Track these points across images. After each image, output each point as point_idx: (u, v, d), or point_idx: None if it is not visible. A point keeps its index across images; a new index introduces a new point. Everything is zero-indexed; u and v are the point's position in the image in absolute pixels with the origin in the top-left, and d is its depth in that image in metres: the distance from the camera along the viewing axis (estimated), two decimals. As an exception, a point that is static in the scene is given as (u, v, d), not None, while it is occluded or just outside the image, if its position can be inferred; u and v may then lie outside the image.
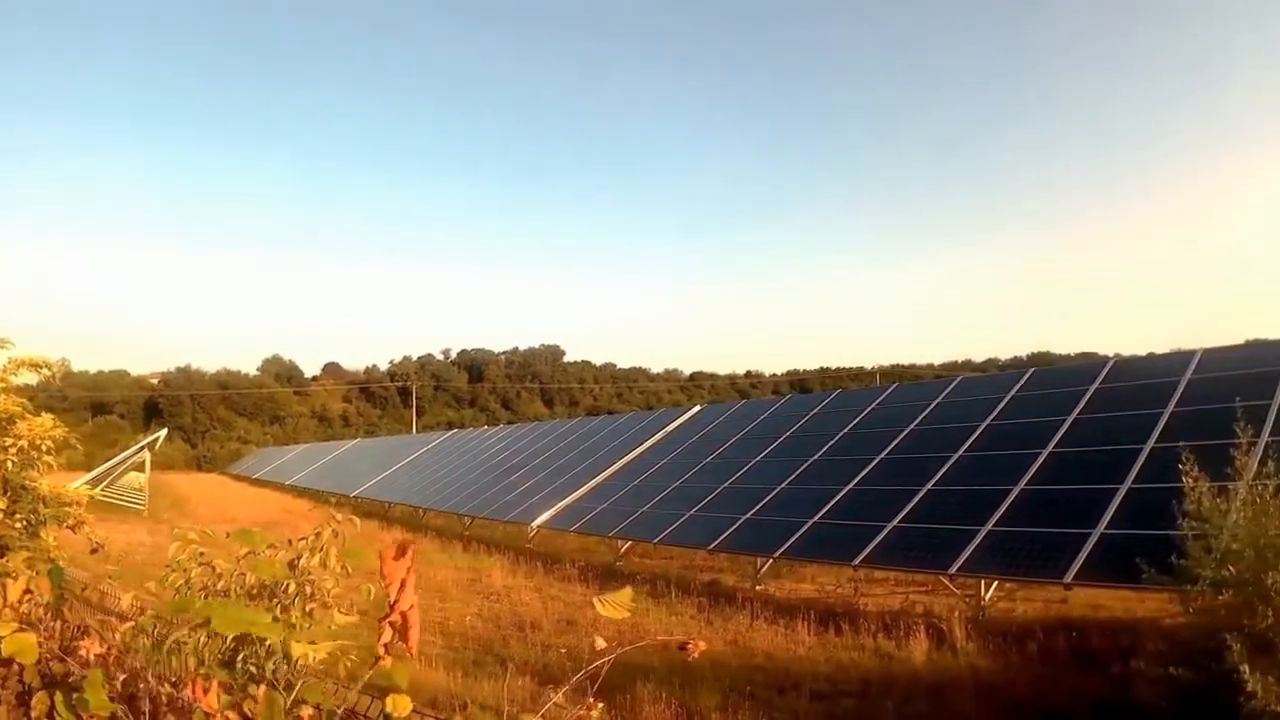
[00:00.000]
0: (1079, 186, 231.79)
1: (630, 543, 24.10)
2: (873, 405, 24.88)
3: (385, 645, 3.16)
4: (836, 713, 11.12)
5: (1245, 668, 7.18)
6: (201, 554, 4.28)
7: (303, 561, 4.14)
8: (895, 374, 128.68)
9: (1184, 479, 9.39)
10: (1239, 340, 18.94)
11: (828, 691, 11.89)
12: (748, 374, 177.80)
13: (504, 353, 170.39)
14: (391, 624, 3.10)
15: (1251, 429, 12.90)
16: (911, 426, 21.70)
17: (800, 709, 11.18)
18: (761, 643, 14.53)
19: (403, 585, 3.07)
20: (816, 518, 18.83)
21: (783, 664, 13.34)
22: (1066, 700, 10.82)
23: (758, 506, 20.84)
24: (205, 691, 2.93)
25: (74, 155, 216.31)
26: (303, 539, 4.27)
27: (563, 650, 13.84)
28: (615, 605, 3.21)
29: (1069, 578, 13.29)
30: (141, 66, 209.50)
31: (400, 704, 2.98)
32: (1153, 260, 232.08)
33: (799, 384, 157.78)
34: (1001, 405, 20.51)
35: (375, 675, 3.30)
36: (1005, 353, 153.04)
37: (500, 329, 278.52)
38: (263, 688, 3.12)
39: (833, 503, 19.27)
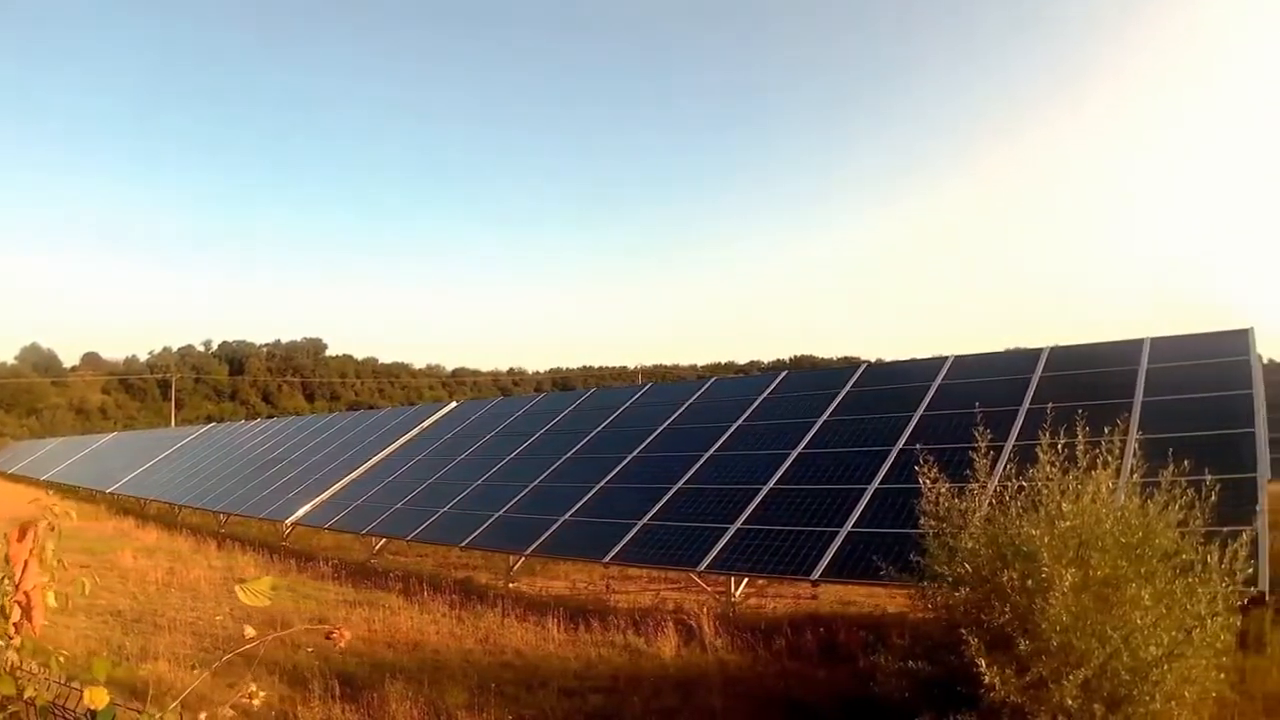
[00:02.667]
0: (848, 191, 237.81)
1: (385, 540, 23.78)
2: (628, 404, 25.12)
3: (15, 625, 3.12)
4: (585, 709, 11.16)
5: (982, 661, 7.49)
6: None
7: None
8: (657, 374, 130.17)
9: (922, 480, 9.71)
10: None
11: (576, 688, 11.95)
12: (510, 371, 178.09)
13: (266, 345, 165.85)
14: (19, 603, 3.06)
15: (995, 433, 13.48)
16: (666, 425, 21.98)
17: (549, 705, 11.19)
18: (513, 640, 14.53)
19: (25, 566, 3.04)
20: (568, 515, 18.94)
21: (533, 661, 13.36)
22: (813, 693, 11.14)
23: (511, 503, 20.83)
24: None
25: None
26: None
27: (310, 650, 13.65)
28: (255, 594, 3.30)
29: (816, 575, 13.70)
30: None
31: (97, 697, 2.94)
32: (928, 265, 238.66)
33: (561, 382, 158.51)
34: (754, 406, 20.95)
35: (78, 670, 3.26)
36: (770, 355, 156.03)
37: (262, 321, 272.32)
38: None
39: (585, 500, 19.41)
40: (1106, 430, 9.10)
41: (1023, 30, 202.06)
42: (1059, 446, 8.83)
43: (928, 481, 9.53)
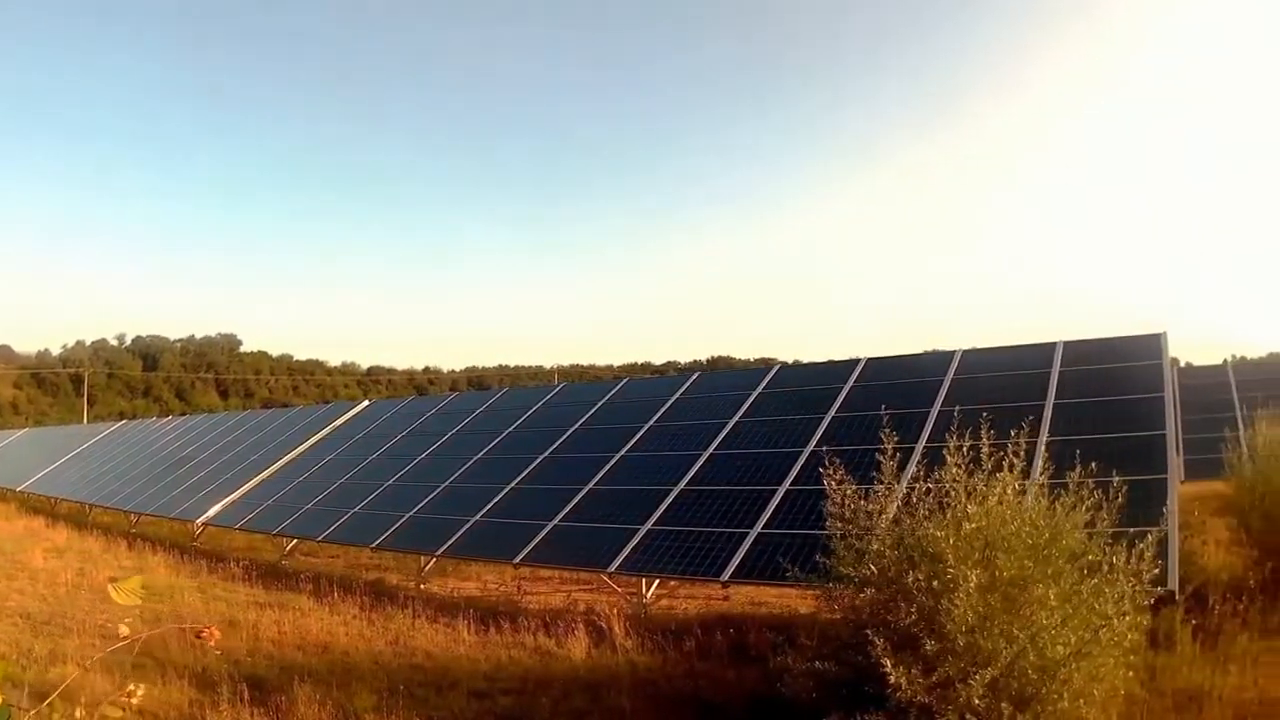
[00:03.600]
0: (771, 191, 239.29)
1: (296, 541, 23.52)
2: (541, 403, 24.97)
3: None
4: (495, 710, 11.08)
5: (888, 661, 7.51)
6: None
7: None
8: (574, 374, 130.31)
9: (826, 482, 9.71)
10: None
11: (486, 689, 11.86)
12: (426, 370, 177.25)
13: (180, 340, 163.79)
14: None
15: (906, 435, 13.51)
16: (579, 425, 21.90)
17: (458, 707, 11.11)
18: (422, 642, 14.37)
19: None
20: (479, 515, 18.81)
21: (443, 663, 13.22)
22: (723, 694, 11.12)
23: (422, 504, 20.64)
24: None
25: None
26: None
27: (218, 652, 13.46)
28: (127, 593, 3.30)
29: (726, 576, 13.73)
30: None
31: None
32: (849, 267, 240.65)
33: (477, 381, 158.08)
34: (667, 406, 20.90)
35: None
36: (688, 356, 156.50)
37: (177, 315, 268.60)
38: None
39: (497, 500, 19.27)
40: (1013, 433, 9.14)
41: (935, 33, 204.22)
42: (967, 449, 8.87)
43: (832, 484, 9.54)
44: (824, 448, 14.79)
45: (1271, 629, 12.19)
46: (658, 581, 16.50)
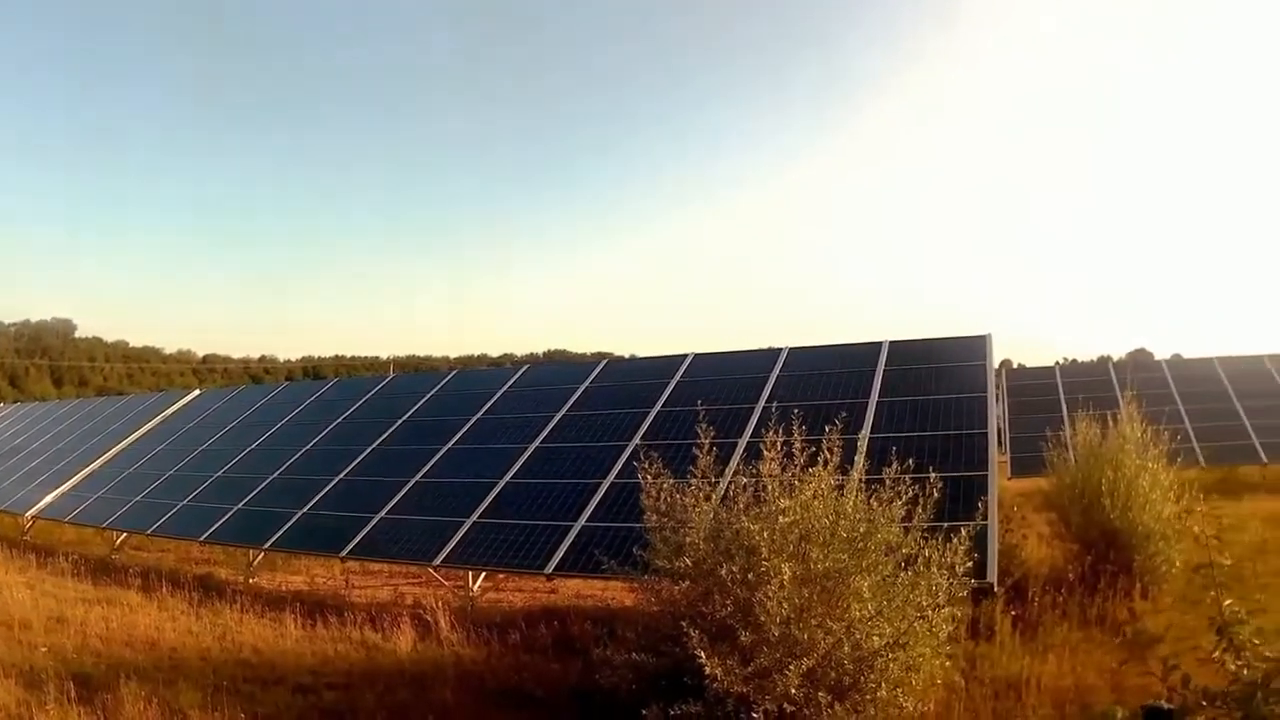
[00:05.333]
0: (613, 192, 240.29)
1: (126, 534, 22.92)
2: (371, 394, 24.67)
3: None
4: (320, 705, 10.90)
5: (702, 653, 7.59)
6: None
7: None
8: (410, 365, 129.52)
9: (642, 476, 9.82)
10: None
11: (312, 684, 11.67)
12: (262, 359, 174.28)
13: (13, 325, 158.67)
14: None
15: (730, 430, 13.68)
16: (407, 417, 21.74)
17: (283, 703, 10.91)
18: (249, 637, 14.06)
19: None
20: (307, 508, 18.57)
21: (270, 658, 12.97)
22: (546, 686, 11.10)
23: (250, 496, 20.28)
24: None
25: None
26: None
27: (44, 649, 13.17)
28: None
29: (550, 568, 13.79)
30: None
31: None
32: (687, 268, 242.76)
33: (313, 370, 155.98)
34: (495, 399, 20.85)
35: None
36: (525, 349, 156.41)
37: (9, 299, 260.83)
38: None
39: (326, 492, 19.05)
40: (828, 429, 9.32)
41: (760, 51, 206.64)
42: (789, 444, 9.00)
43: (647, 478, 9.66)
44: (650, 441, 14.94)
45: (1090, 620, 12.61)
46: (484, 575, 16.46)
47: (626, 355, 52.58)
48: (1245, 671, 3.81)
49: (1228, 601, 4.08)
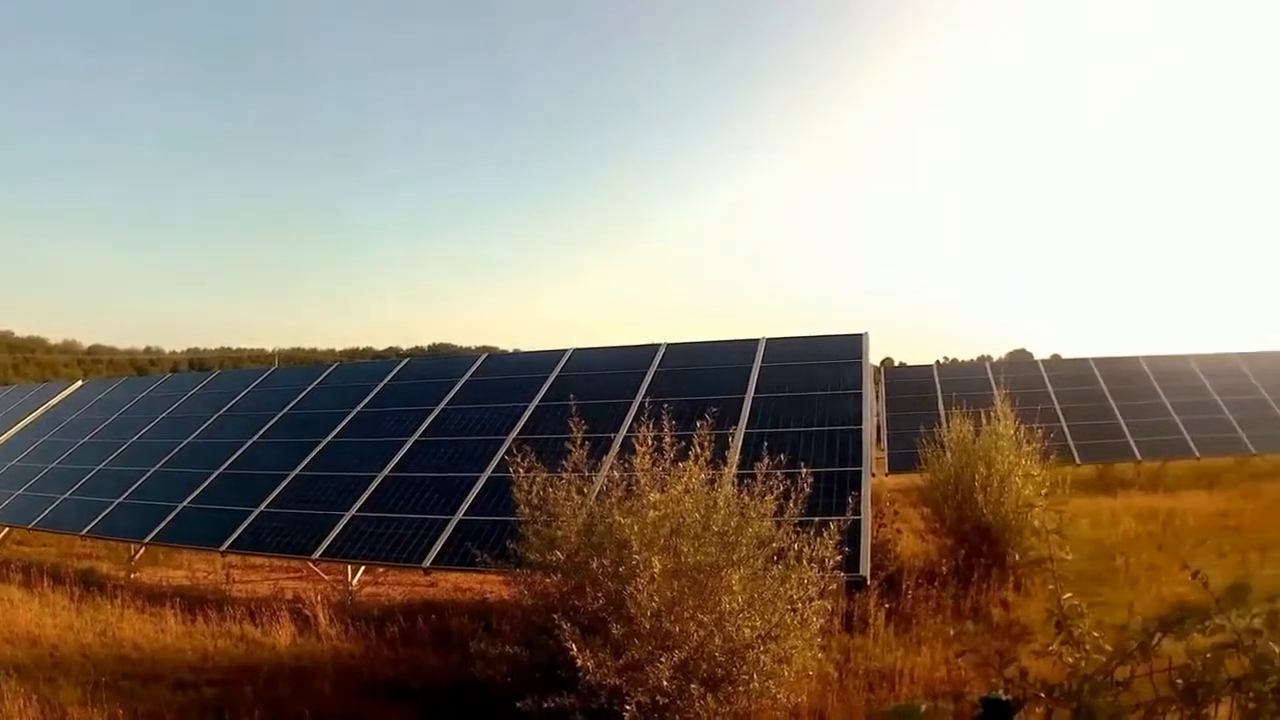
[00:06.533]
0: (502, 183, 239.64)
1: (8, 528, 22.59)
2: (252, 386, 24.47)
3: None
4: (200, 701, 10.80)
5: (574, 645, 7.69)
6: None
7: None
8: (295, 358, 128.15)
9: (514, 470, 9.89)
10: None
11: (192, 680, 11.58)
12: (147, 350, 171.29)
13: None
14: None
15: (607, 425, 13.85)
16: (287, 409, 21.60)
17: (163, 699, 10.80)
18: (130, 633, 13.89)
19: None
20: (187, 501, 18.32)
21: (150, 653, 12.83)
22: (424, 679, 11.19)
23: (132, 489, 19.94)
24: None
25: None
26: None
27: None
28: None
29: (428, 562, 13.84)
30: None
31: None
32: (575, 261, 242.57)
33: (198, 363, 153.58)
34: (375, 392, 20.83)
35: None
36: (410, 343, 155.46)
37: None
38: None
39: (205, 485, 18.81)
40: (701, 425, 9.50)
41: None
42: (664, 439, 9.17)
43: (519, 472, 9.72)
44: (527, 436, 15.12)
45: (963, 612, 12.96)
46: (364, 568, 16.51)
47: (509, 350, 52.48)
48: (1083, 664, 4.00)
49: (1067, 595, 4.28)
